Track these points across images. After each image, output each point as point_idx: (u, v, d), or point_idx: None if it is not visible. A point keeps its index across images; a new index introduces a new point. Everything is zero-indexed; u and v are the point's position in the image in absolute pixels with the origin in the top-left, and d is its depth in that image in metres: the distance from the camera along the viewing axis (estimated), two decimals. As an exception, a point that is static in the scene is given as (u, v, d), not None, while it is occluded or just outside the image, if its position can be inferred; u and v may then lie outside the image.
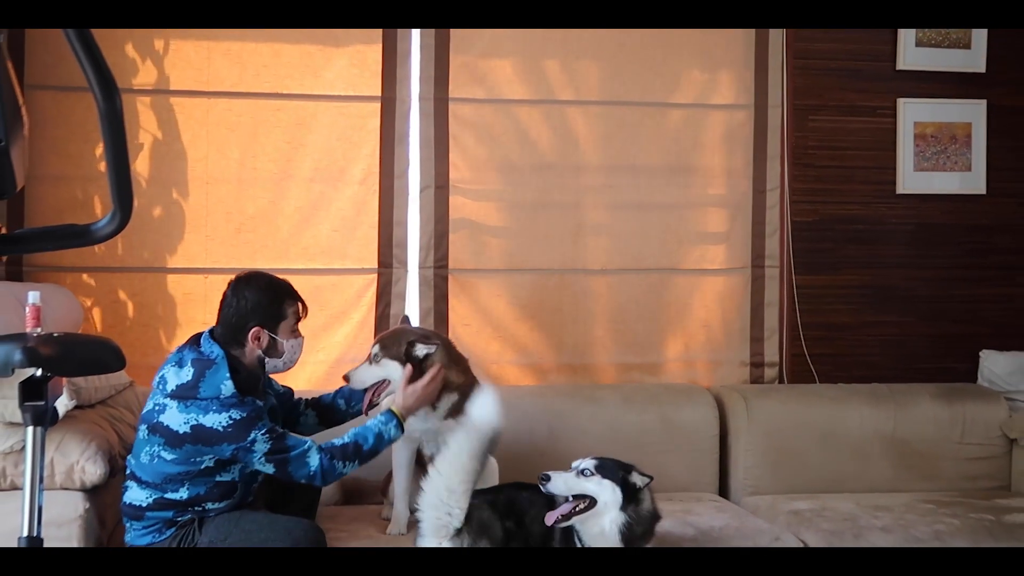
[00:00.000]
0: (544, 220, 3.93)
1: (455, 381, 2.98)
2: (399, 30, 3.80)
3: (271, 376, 2.94)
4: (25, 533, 1.77)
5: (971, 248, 4.21)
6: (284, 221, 3.78)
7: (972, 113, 4.17)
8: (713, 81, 4.03)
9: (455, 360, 3.01)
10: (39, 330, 2.52)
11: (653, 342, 4.01)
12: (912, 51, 4.11)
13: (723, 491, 3.76)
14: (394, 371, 2.90)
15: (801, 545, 3.17)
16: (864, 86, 4.12)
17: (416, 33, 3.82)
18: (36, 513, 1.78)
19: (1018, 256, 4.23)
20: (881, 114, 4.14)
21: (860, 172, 4.13)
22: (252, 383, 2.79)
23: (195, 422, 2.63)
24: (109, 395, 3.23)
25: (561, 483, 2.58)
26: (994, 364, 4.07)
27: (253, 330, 2.74)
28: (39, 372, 1.76)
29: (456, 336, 3.85)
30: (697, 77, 4.02)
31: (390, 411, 2.82)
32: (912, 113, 4.14)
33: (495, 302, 3.91)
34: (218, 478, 2.73)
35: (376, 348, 2.94)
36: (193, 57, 3.72)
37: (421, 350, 2.91)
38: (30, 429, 1.78)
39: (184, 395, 2.65)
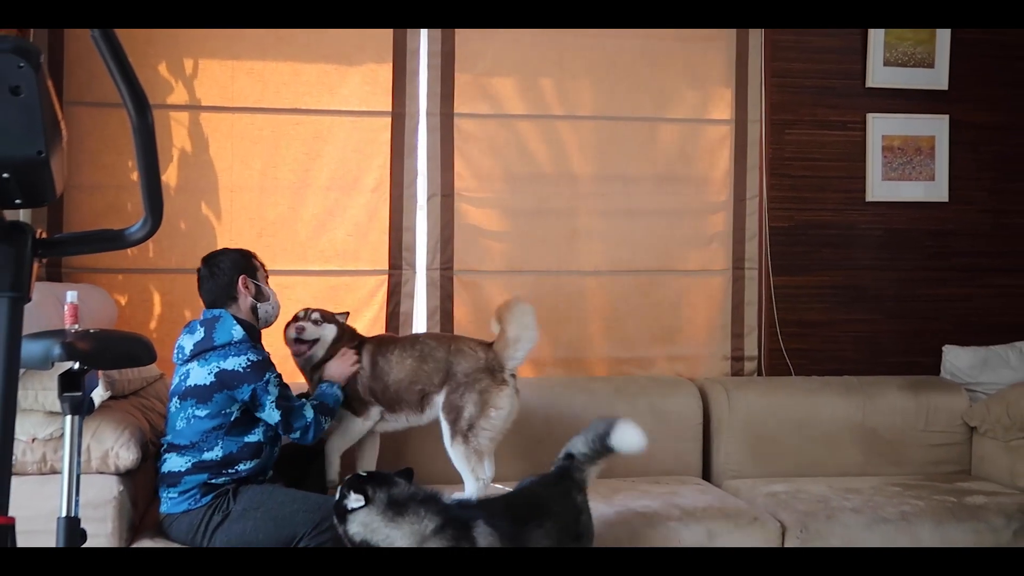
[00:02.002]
0: (542, 225, 3.93)
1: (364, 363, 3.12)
2: (408, 50, 3.79)
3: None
4: (64, 514, 1.77)
5: (934, 251, 4.20)
6: (302, 226, 3.78)
7: (935, 127, 4.16)
8: (697, 98, 4.03)
9: (368, 353, 3.14)
10: (77, 326, 2.52)
11: (642, 338, 4.01)
12: (880, 70, 4.11)
13: (706, 475, 3.76)
14: (329, 332, 3.10)
15: (778, 524, 3.16)
16: (836, 102, 4.12)
17: (424, 53, 3.81)
18: (74, 495, 1.78)
19: (977, 259, 4.23)
20: (851, 128, 4.13)
21: (832, 181, 4.13)
22: (254, 335, 2.88)
23: (218, 368, 2.71)
24: (141, 387, 3.23)
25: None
26: (955, 358, 4.07)
27: (240, 279, 2.86)
28: (76, 365, 1.76)
29: (461, 332, 3.85)
30: (683, 94, 4.02)
31: (332, 383, 3.01)
32: (880, 127, 4.13)
33: (496, 301, 3.89)
34: (247, 438, 2.78)
35: (316, 313, 3.11)
36: (219, 76, 3.71)
37: (341, 318, 3.20)
38: (68, 418, 1.78)
39: (202, 351, 2.75)
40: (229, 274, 2.87)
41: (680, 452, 3.70)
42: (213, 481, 2.75)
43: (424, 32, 3.82)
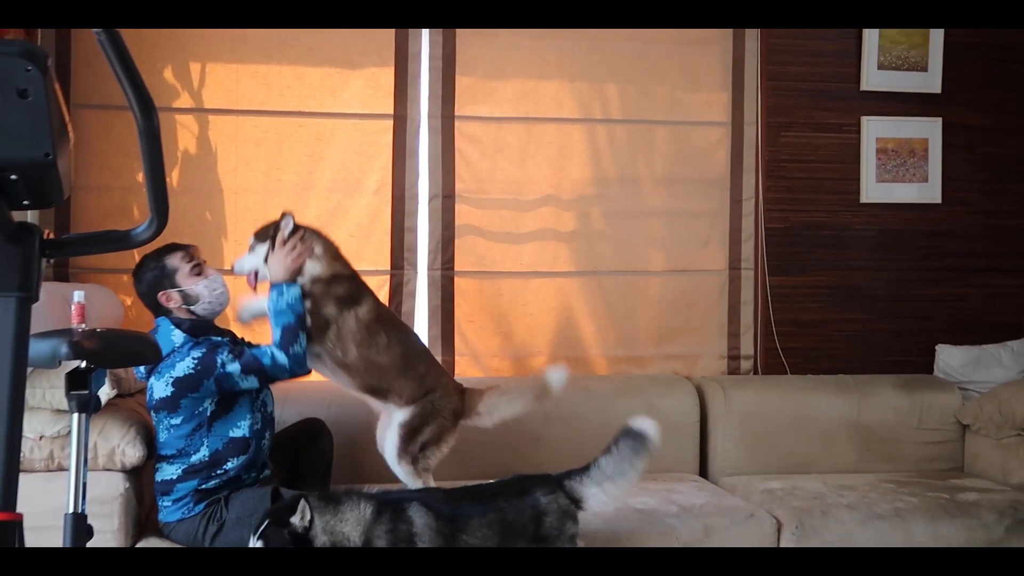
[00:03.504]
0: (540, 226, 3.92)
1: (316, 250, 2.88)
2: (409, 54, 3.79)
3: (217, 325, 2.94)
4: (71, 510, 1.77)
5: (927, 252, 4.20)
6: (306, 227, 3.77)
7: (929, 130, 4.16)
8: (695, 101, 4.03)
9: (320, 238, 2.93)
10: (83, 326, 2.51)
11: (640, 337, 4.01)
12: (875, 74, 4.11)
13: (703, 472, 3.76)
14: (262, 252, 2.88)
15: (773, 520, 3.16)
16: (831, 105, 4.12)
17: (425, 56, 3.81)
18: (81, 492, 1.78)
19: (970, 259, 4.23)
20: (846, 131, 4.13)
21: (827, 183, 4.13)
22: (203, 327, 2.82)
23: (172, 378, 2.68)
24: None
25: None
26: (948, 357, 4.07)
27: (161, 296, 2.78)
28: (83, 364, 1.76)
29: (461, 331, 3.85)
30: (680, 97, 4.02)
31: (271, 287, 2.82)
32: (874, 130, 4.13)
33: (496, 301, 3.90)
34: (231, 433, 2.75)
35: (251, 239, 2.92)
36: (224, 79, 3.71)
37: (285, 221, 2.88)
38: (75, 416, 1.78)
39: (153, 367, 2.72)
40: (149, 296, 2.80)
41: (677, 450, 3.70)
42: (204, 487, 2.73)
43: (425, 36, 3.82)
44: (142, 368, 2.78)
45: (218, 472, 2.74)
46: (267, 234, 2.90)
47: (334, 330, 2.86)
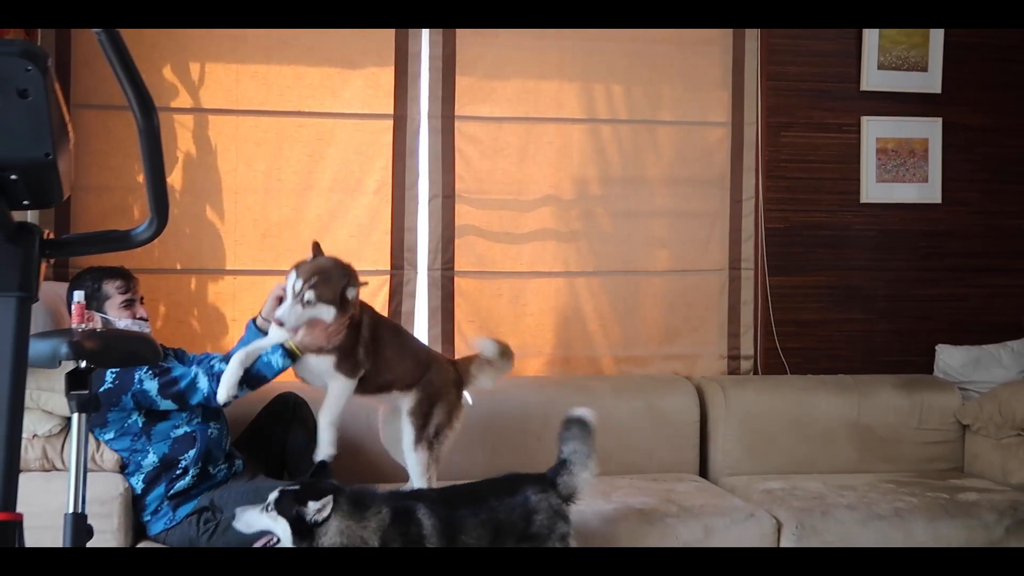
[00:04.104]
0: (540, 226, 3.92)
1: (352, 318, 2.74)
2: (409, 54, 3.79)
3: None
4: (71, 510, 1.77)
5: (927, 252, 4.20)
6: (305, 227, 3.77)
7: (929, 130, 4.16)
8: (695, 101, 4.03)
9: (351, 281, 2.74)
10: (83, 326, 2.51)
11: (640, 337, 4.01)
12: (875, 74, 4.10)
13: (703, 472, 3.76)
14: (326, 312, 2.62)
15: (773, 520, 3.16)
16: (831, 105, 4.11)
17: (425, 56, 3.81)
18: (81, 492, 1.78)
19: (970, 259, 4.22)
20: (846, 131, 4.13)
21: (827, 183, 4.12)
22: None
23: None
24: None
25: (243, 523, 2.37)
26: (948, 357, 4.07)
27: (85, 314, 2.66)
28: (83, 364, 1.76)
29: (461, 331, 3.85)
30: (680, 97, 4.01)
31: (283, 347, 2.65)
32: (874, 130, 4.13)
33: (496, 301, 3.90)
34: (172, 434, 2.73)
35: (310, 294, 2.60)
36: (224, 79, 3.71)
37: (351, 293, 2.66)
38: (75, 416, 1.78)
39: None
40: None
41: (677, 450, 3.70)
42: (173, 490, 2.73)
43: (425, 35, 3.81)
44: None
45: (177, 472, 2.74)
46: (332, 297, 2.64)
47: (361, 356, 2.80)
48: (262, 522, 2.34)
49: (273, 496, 2.34)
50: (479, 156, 3.88)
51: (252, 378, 2.65)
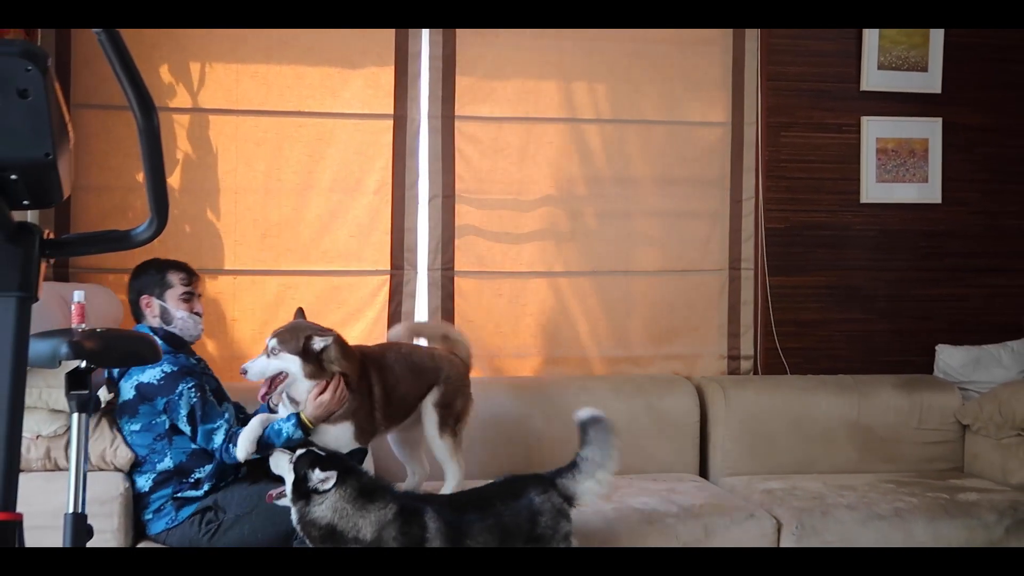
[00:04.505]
0: (540, 226, 3.92)
1: (352, 379, 2.77)
2: (409, 54, 3.79)
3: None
4: (71, 510, 1.77)
5: (927, 252, 4.20)
6: (305, 227, 3.77)
7: (929, 130, 4.16)
8: (695, 101, 4.03)
9: (346, 355, 2.77)
10: (83, 326, 2.51)
11: (640, 337, 4.01)
12: (875, 74, 4.10)
13: (703, 472, 3.76)
14: (291, 363, 2.68)
15: (773, 520, 3.16)
16: (831, 105, 4.12)
17: (425, 56, 3.81)
18: (81, 492, 1.78)
19: (970, 259, 4.22)
20: (846, 131, 4.13)
21: (827, 183, 4.12)
22: (178, 342, 2.84)
23: (137, 382, 2.71)
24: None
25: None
26: (948, 357, 4.07)
27: (143, 299, 2.83)
28: (83, 364, 1.76)
29: (460, 331, 3.84)
30: (680, 97, 4.02)
31: (298, 417, 2.69)
32: (874, 130, 4.13)
33: (496, 301, 3.90)
34: (192, 446, 2.75)
35: (274, 342, 2.70)
36: (223, 79, 3.71)
37: (318, 343, 2.69)
38: (75, 416, 1.77)
39: (124, 370, 2.75)
40: (138, 291, 2.87)
41: (677, 450, 3.70)
42: (181, 495, 2.74)
43: (425, 35, 3.81)
44: (115, 370, 2.77)
45: (189, 480, 2.75)
46: (295, 347, 2.69)
47: (379, 419, 2.89)
48: (283, 468, 2.46)
49: (300, 451, 2.44)
50: (479, 156, 3.88)
51: (261, 443, 2.68)
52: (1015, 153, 4.24)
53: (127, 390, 2.73)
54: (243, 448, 2.65)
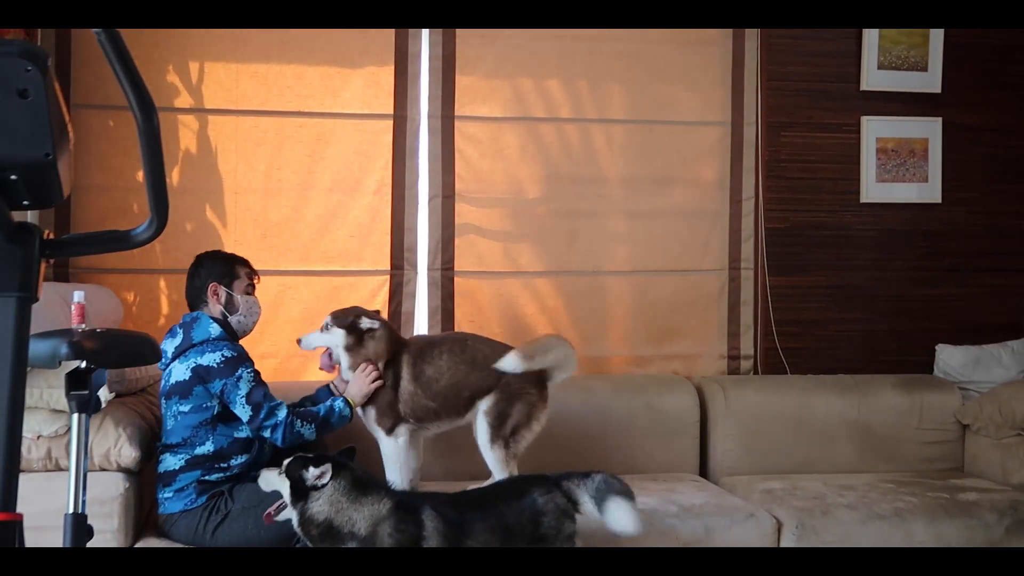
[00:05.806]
0: (540, 226, 3.93)
1: (378, 365, 2.97)
2: (409, 54, 3.79)
3: None
4: (71, 510, 1.77)
5: (927, 252, 4.20)
6: (305, 227, 3.77)
7: (929, 129, 4.16)
8: (694, 101, 4.03)
9: (381, 341, 2.98)
10: (83, 326, 2.51)
11: (640, 337, 4.01)
12: (874, 73, 4.10)
13: (703, 472, 3.76)
14: (337, 337, 2.96)
15: (773, 520, 3.16)
16: (831, 105, 4.12)
17: (425, 56, 3.81)
18: (81, 492, 1.78)
19: (969, 259, 4.22)
20: (846, 130, 4.13)
21: (827, 183, 4.13)
22: (231, 334, 2.90)
23: (195, 364, 2.75)
24: (148, 384, 3.24)
25: (264, 480, 2.58)
26: (948, 357, 4.07)
27: (211, 287, 2.90)
28: (83, 364, 1.76)
29: (461, 331, 3.85)
30: (680, 97, 4.02)
31: (345, 400, 2.92)
32: (874, 130, 4.13)
33: (496, 301, 3.90)
34: (236, 434, 2.80)
35: (329, 319, 2.99)
36: (224, 79, 3.71)
37: (365, 323, 2.95)
38: (75, 416, 1.77)
39: (182, 350, 2.79)
40: (203, 279, 2.92)
41: (677, 449, 3.70)
42: (207, 478, 2.77)
43: (425, 35, 3.82)
44: (168, 351, 2.82)
45: (222, 466, 2.79)
46: (343, 322, 2.97)
47: (402, 411, 2.99)
48: (275, 482, 2.54)
49: (287, 460, 2.51)
50: (479, 156, 3.88)
51: (321, 422, 2.86)
52: (1015, 153, 4.24)
53: (182, 371, 2.76)
54: (308, 429, 2.82)
